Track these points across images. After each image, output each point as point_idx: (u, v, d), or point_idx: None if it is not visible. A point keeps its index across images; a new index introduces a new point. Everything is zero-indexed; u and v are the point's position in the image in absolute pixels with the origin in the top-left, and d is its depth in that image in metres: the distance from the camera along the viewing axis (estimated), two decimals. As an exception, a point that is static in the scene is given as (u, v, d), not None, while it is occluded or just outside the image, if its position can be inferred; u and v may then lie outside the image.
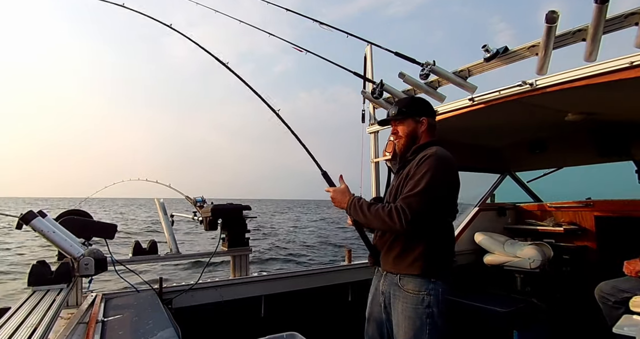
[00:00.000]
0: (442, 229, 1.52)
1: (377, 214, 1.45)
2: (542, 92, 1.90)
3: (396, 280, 1.51)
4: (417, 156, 1.52)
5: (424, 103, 1.68)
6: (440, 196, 1.43)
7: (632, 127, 2.69)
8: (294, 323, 1.96)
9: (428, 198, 1.39)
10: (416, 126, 1.60)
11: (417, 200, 1.38)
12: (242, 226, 2.52)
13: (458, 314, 2.59)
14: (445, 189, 1.46)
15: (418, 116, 1.61)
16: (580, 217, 3.31)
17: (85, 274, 1.54)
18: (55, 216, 1.86)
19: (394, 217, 1.38)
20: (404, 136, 1.62)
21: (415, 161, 1.50)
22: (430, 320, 1.42)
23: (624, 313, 1.96)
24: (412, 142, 1.61)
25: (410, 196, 1.40)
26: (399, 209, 1.38)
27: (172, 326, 1.44)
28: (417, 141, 1.60)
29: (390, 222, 1.39)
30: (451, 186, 1.49)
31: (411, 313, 1.44)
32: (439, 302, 1.44)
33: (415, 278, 1.46)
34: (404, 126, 1.62)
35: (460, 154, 3.37)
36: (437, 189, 1.41)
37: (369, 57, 2.91)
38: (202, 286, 2.24)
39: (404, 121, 1.62)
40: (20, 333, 1.03)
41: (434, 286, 1.45)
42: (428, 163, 1.43)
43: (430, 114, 1.64)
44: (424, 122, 1.60)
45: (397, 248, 1.51)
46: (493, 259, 3.14)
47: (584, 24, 1.63)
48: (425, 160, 1.45)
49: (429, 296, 1.43)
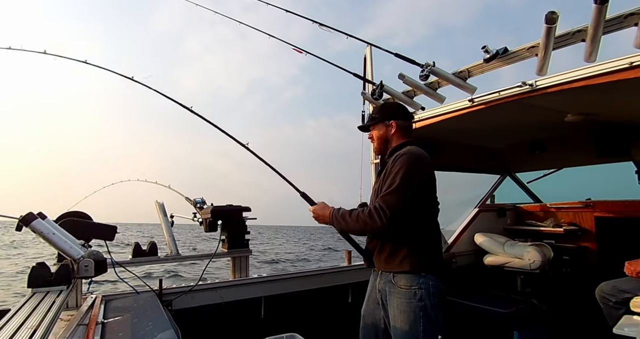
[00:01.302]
0: (426, 226, 1.59)
1: (358, 218, 1.52)
2: (541, 93, 1.90)
3: (390, 278, 1.59)
4: (392, 157, 1.61)
5: (394, 107, 1.82)
6: (416, 190, 1.50)
7: (631, 127, 2.69)
8: (294, 324, 1.96)
9: (404, 194, 1.46)
10: (386, 129, 1.73)
11: (394, 197, 1.46)
12: (242, 227, 2.51)
13: (459, 314, 2.59)
14: (420, 184, 1.53)
15: (387, 119, 1.73)
16: (580, 218, 3.31)
17: (85, 275, 1.53)
18: (55, 218, 1.86)
19: (374, 217, 1.45)
20: (377, 139, 1.76)
21: (389, 162, 1.60)
22: (423, 313, 1.49)
23: (625, 314, 1.96)
24: (384, 145, 1.74)
25: (386, 194, 1.48)
26: (378, 209, 1.46)
27: (172, 327, 1.43)
28: (389, 143, 1.73)
29: (372, 223, 1.47)
30: (425, 180, 1.57)
31: (405, 307, 1.51)
32: (431, 295, 1.51)
33: (406, 274, 1.54)
34: (376, 130, 1.76)
35: (460, 155, 3.41)
36: (411, 184, 1.48)
37: (368, 58, 2.91)
38: (202, 288, 2.23)
39: (376, 125, 1.76)
40: (19, 335, 1.02)
41: (425, 280, 1.52)
42: (401, 161, 1.52)
43: (400, 117, 1.74)
44: (393, 125, 1.71)
45: (387, 249, 1.59)
46: (493, 260, 3.14)
47: (584, 25, 1.63)
48: (399, 159, 1.54)
49: (420, 290, 1.50)
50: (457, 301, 2.68)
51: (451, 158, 3.30)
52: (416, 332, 1.48)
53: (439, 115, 2.45)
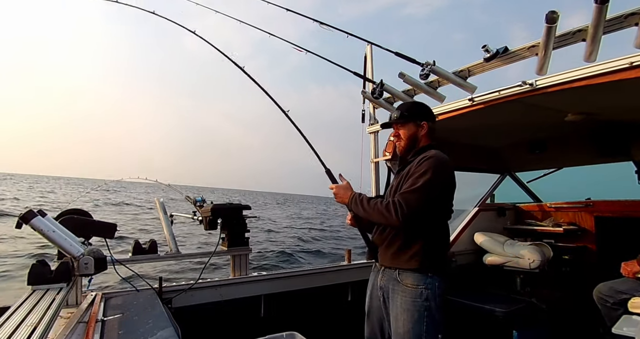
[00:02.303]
0: (438, 227, 1.59)
1: (375, 207, 1.52)
2: (542, 92, 1.89)
3: (395, 275, 1.57)
4: (417, 158, 1.60)
5: (425, 108, 1.76)
6: (436, 195, 1.50)
7: (632, 127, 2.69)
8: (293, 322, 1.96)
9: (424, 196, 1.46)
10: (417, 129, 1.68)
11: (414, 197, 1.45)
12: (242, 225, 2.52)
13: (458, 314, 2.59)
14: (441, 189, 1.53)
15: (419, 120, 1.69)
16: (579, 218, 3.31)
17: (85, 273, 1.54)
18: (55, 216, 1.86)
19: (391, 211, 1.45)
20: (405, 139, 1.70)
21: (415, 162, 1.58)
22: (428, 313, 1.48)
23: (623, 314, 1.96)
24: (412, 145, 1.70)
25: (408, 192, 1.48)
26: (396, 203, 1.45)
27: (171, 325, 1.44)
28: (417, 144, 1.69)
29: (388, 215, 1.46)
30: (447, 186, 1.57)
31: (410, 306, 1.50)
32: (436, 296, 1.50)
33: (413, 272, 1.53)
34: (405, 129, 1.70)
35: (460, 155, 3.40)
36: (433, 188, 1.48)
37: (369, 57, 2.91)
38: (201, 286, 2.24)
39: (405, 124, 1.70)
40: (19, 332, 1.03)
41: (432, 280, 1.51)
42: (427, 164, 1.50)
43: (430, 119, 1.71)
44: (425, 126, 1.68)
45: (396, 244, 1.58)
46: (493, 259, 3.15)
47: (584, 25, 1.63)
48: (425, 161, 1.52)
49: (426, 290, 1.50)
50: (457, 300, 2.68)
51: (451, 157, 3.29)
52: (419, 332, 1.47)
53: (439, 114, 2.45)
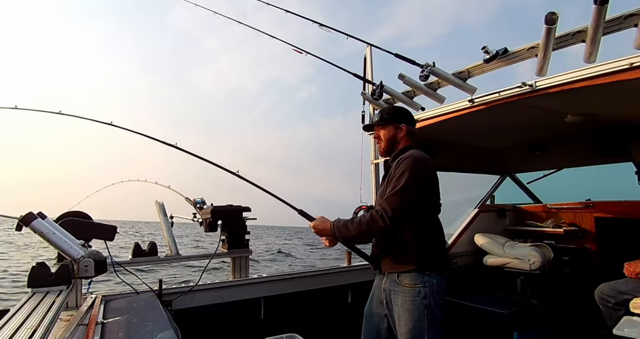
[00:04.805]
0: (430, 224, 1.65)
1: (360, 223, 1.55)
2: (542, 93, 1.90)
3: (395, 277, 1.63)
4: (396, 160, 1.66)
5: (405, 112, 1.85)
6: (418, 190, 1.55)
7: (632, 128, 2.69)
8: (293, 324, 1.96)
9: (406, 194, 1.52)
10: (396, 131, 1.77)
11: (396, 198, 1.51)
12: (242, 227, 2.52)
13: (459, 315, 2.59)
14: (422, 184, 1.57)
15: (398, 122, 1.77)
16: (580, 219, 3.31)
17: (84, 275, 1.54)
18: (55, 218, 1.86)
19: (377, 219, 1.50)
20: (385, 140, 1.79)
21: (394, 165, 1.65)
22: (427, 311, 1.53)
23: (624, 315, 1.96)
24: (392, 146, 1.78)
25: (389, 196, 1.54)
26: (379, 210, 1.51)
27: (171, 327, 1.43)
28: (396, 145, 1.77)
29: (374, 224, 1.51)
30: (428, 182, 1.61)
31: (410, 305, 1.55)
32: (435, 293, 1.55)
33: (411, 273, 1.58)
34: (385, 131, 1.79)
35: (460, 156, 3.41)
36: (413, 186, 1.53)
37: (368, 58, 2.92)
38: (201, 288, 2.23)
39: (385, 126, 1.79)
40: (19, 335, 1.02)
41: (429, 278, 1.56)
42: (404, 164, 1.57)
43: (409, 122, 1.79)
44: (403, 129, 1.76)
45: (393, 252, 1.64)
46: (493, 260, 3.14)
47: (584, 25, 1.63)
48: (402, 162, 1.59)
49: (424, 288, 1.54)
50: (457, 301, 2.67)
51: (451, 159, 3.30)
52: (421, 329, 1.52)
53: (438, 115, 2.46)
